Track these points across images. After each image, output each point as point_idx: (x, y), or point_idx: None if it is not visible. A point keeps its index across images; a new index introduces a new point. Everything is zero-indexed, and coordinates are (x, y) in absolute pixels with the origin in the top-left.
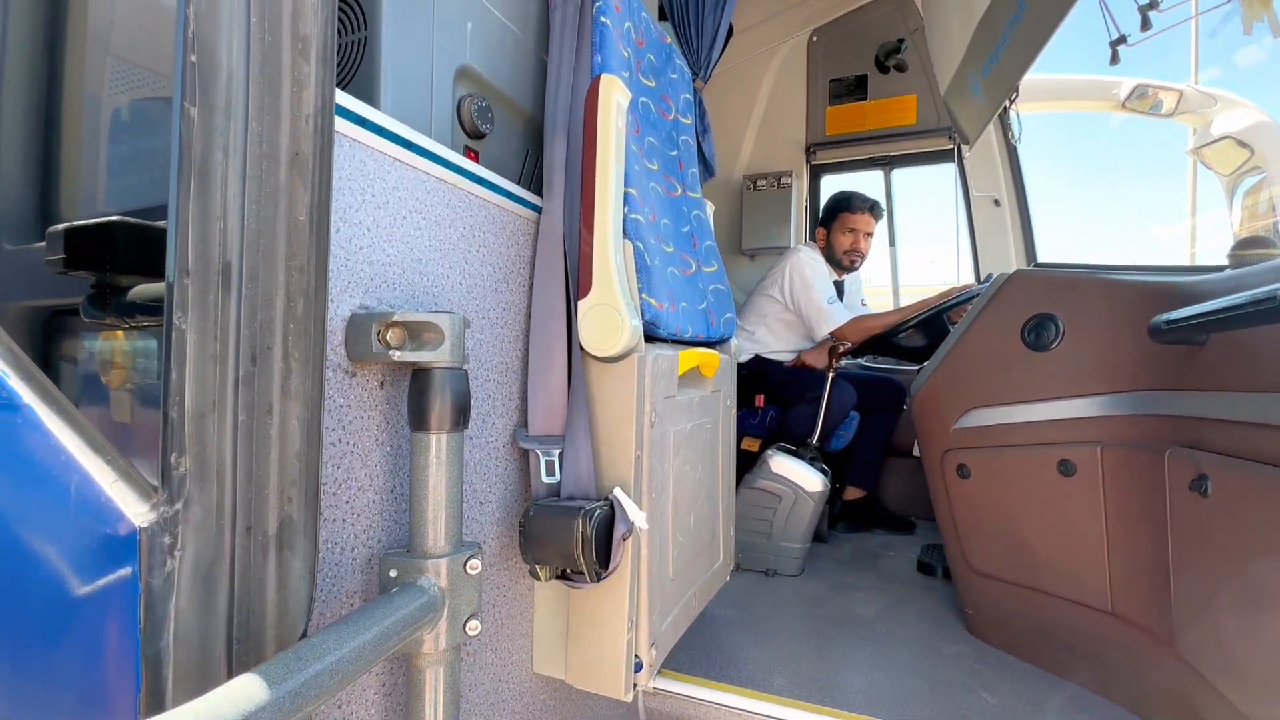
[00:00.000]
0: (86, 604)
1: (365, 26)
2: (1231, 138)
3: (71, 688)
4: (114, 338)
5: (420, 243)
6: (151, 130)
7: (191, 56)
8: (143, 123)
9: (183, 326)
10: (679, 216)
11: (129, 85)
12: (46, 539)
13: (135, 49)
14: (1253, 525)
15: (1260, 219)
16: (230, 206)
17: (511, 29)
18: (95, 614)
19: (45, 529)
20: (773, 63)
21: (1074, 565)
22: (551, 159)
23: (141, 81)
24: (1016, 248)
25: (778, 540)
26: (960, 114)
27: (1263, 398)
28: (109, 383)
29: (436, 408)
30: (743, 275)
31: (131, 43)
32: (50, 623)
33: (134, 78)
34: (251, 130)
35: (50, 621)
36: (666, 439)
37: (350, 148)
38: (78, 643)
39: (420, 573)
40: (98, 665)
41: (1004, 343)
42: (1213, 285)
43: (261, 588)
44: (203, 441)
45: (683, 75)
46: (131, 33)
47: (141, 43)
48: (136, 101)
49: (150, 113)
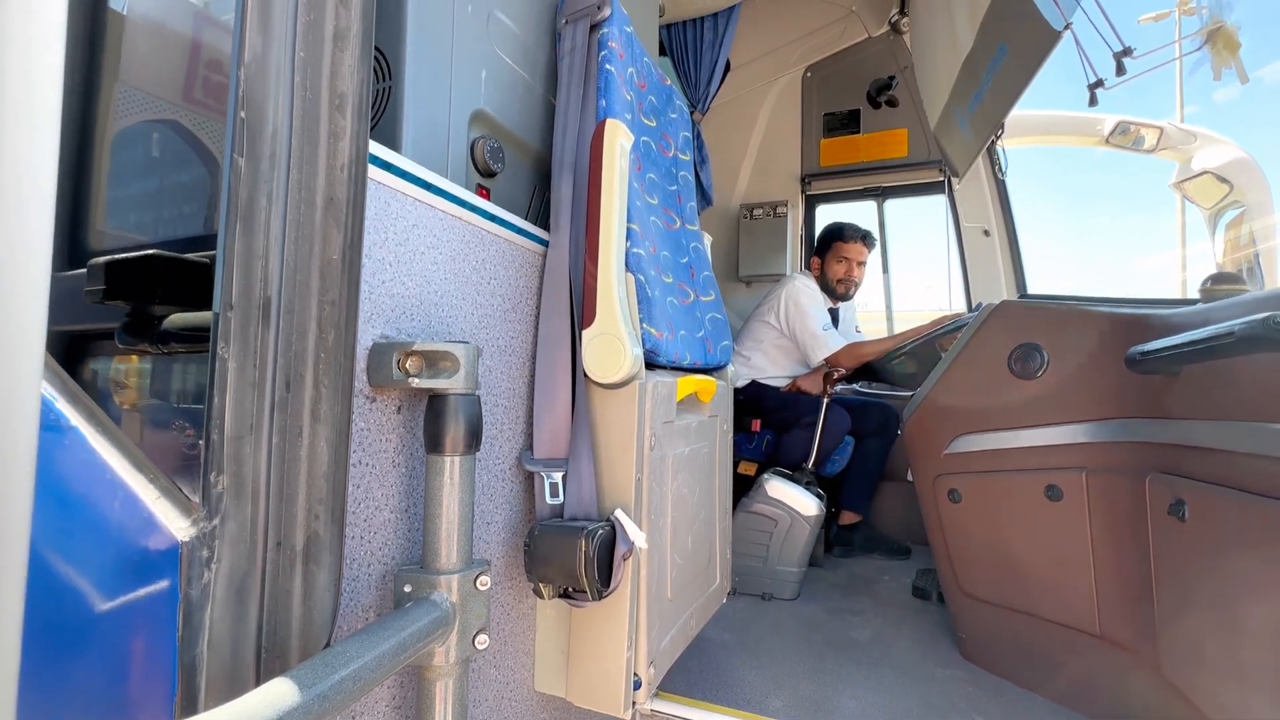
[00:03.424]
0: (128, 612)
1: (390, 77)
2: (1211, 173)
3: (110, 691)
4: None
5: (436, 276)
6: (175, 161)
7: (241, 113)
8: (168, 154)
9: (225, 355)
10: (678, 248)
11: (144, 111)
12: (93, 552)
13: (160, 83)
14: (1228, 549)
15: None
16: (272, 247)
17: (522, 75)
18: (135, 621)
19: (93, 542)
20: (769, 97)
21: (1063, 589)
22: (559, 196)
23: (159, 110)
24: (1006, 277)
25: (774, 564)
26: (949, 148)
27: (1232, 426)
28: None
29: (451, 431)
30: (740, 301)
31: (156, 76)
32: (93, 630)
33: (152, 107)
34: (292, 178)
35: (93, 629)
36: (665, 462)
37: (375, 189)
38: (118, 649)
39: (433, 588)
40: (136, 670)
41: (992, 371)
42: (1183, 318)
43: (289, 599)
44: (239, 461)
45: (682, 114)
46: (155, 66)
47: (165, 75)
48: (160, 132)
49: (172, 144)
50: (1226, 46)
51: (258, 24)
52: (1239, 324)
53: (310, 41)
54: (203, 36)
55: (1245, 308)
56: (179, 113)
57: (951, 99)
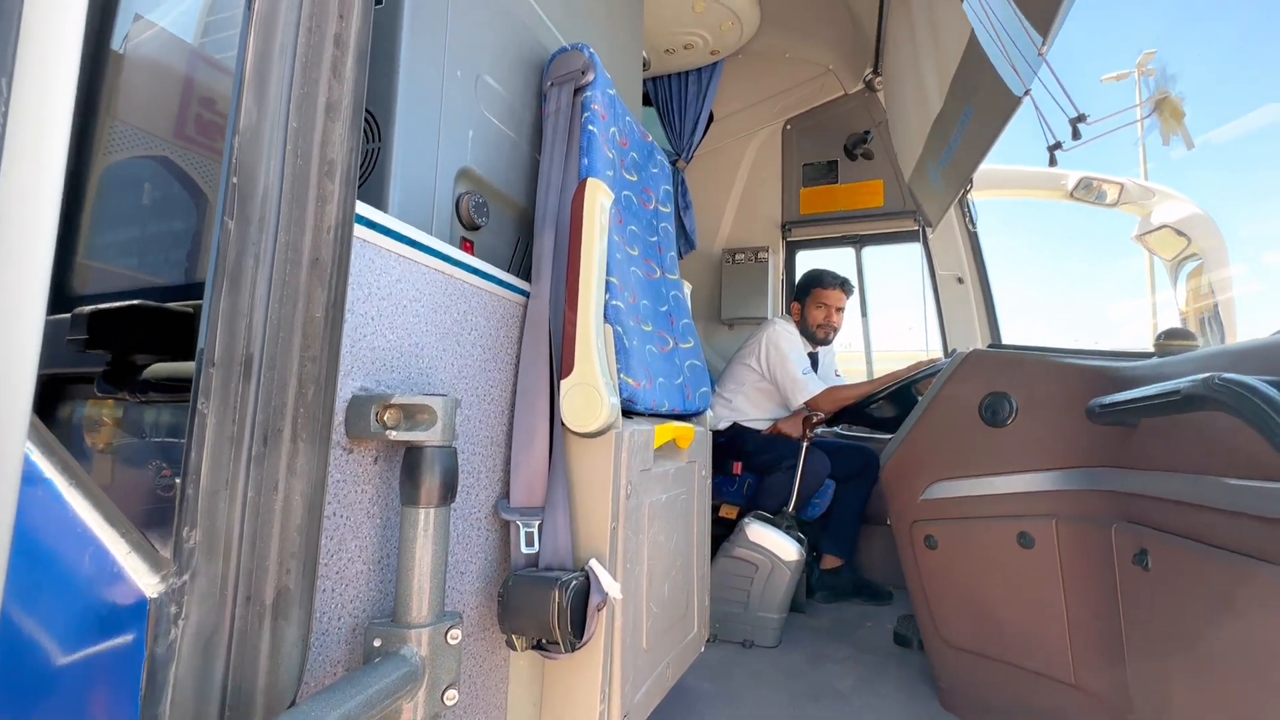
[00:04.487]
0: (90, 669)
1: (380, 139)
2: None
3: None
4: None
5: (418, 328)
6: (163, 199)
7: (234, 179)
8: (157, 191)
9: (204, 411)
10: (658, 297)
11: (135, 147)
12: (60, 606)
13: (152, 119)
14: (1189, 599)
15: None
16: (256, 305)
17: (509, 134)
18: (98, 679)
19: (60, 597)
20: (750, 147)
21: (1038, 637)
22: (540, 249)
23: (149, 146)
24: (980, 323)
25: (755, 610)
26: (923, 199)
27: (1186, 479)
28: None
29: (426, 483)
30: (722, 343)
31: (148, 112)
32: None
33: (143, 143)
34: (280, 240)
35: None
36: (642, 510)
37: (360, 247)
38: (78, 707)
39: (403, 642)
40: None
41: (964, 418)
42: (1140, 372)
43: (255, 655)
44: (213, 516)
45: (663, 169)
46: (147, 102)
47: (157, 112)
48: (150, 169)
49: (161, 181)
50: (1173, 115)
51: (254, 96)
52: (1185, 383)
53: (303, 112)
54: (196, 74)
55: (1194, 364)
56: (169, 149)
57: (924, 153)
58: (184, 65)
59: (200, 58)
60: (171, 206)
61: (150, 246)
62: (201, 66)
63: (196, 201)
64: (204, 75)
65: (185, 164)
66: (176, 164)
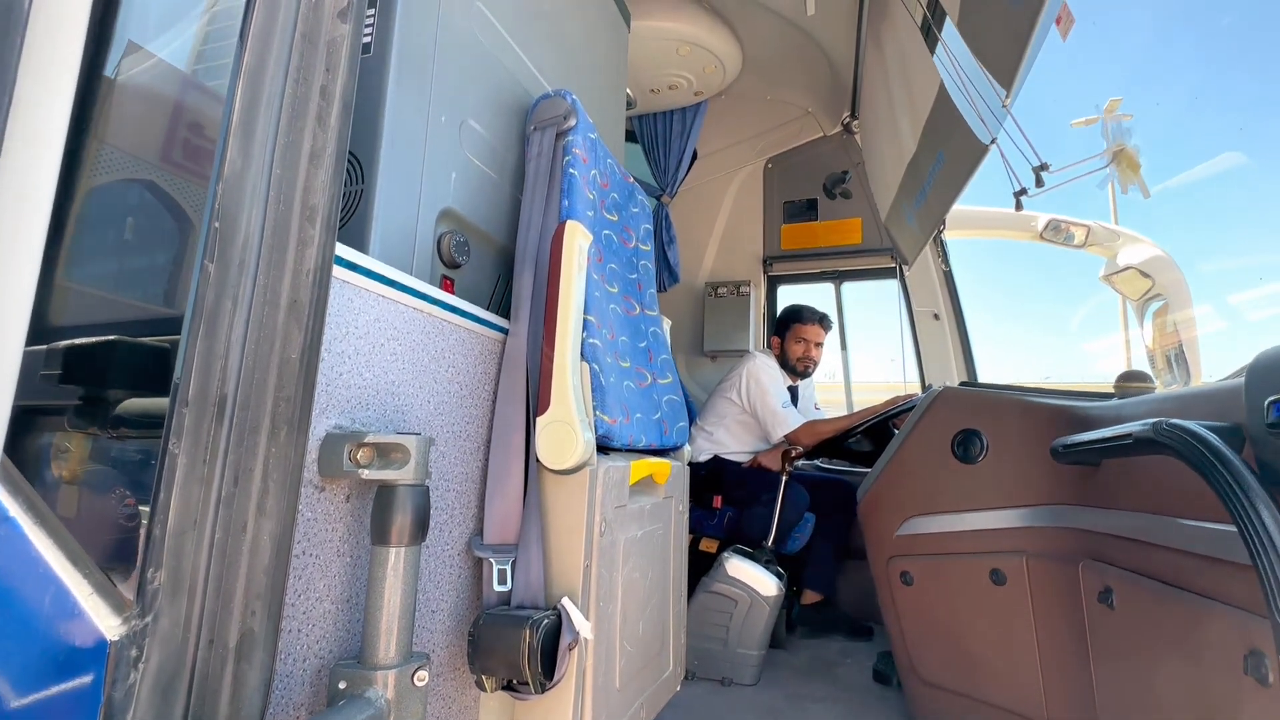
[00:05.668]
0: (48, 712)
1: (363, 181)
2: (1135, 268)
3: None
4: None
5: (395, 367)
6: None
7: (216, 223)
8: (141, 217)
9: (175, 451)
10: (636, 333)
11: (120, 170)
12: (17, 647)
13: (139, 144)
14: (1150, 637)
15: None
16: (233, 347)
17: (491, 175)
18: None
19: (17, 638)
20: (733, 184)
21: (1010, 674)
22: (520, 287)
23: (126, 167)
24: (956, 359)
25: (734, 647)
26: (899, 238)
27: (1145, 517)
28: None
29: (398, 523)
30: (704, 375)
31: (135, 137)
32: None
33: (130, 167)
34: (259, 283)
35: None
36: (616, 546)
37: (339, 288)
38: None
39: (369, 684)
40: None
41: (937, 454)
42: (1101, 413)
43: (216, 700)
44: (179, 557)
45: (644, 209)
46: (135, 128)
47: (145, 137)
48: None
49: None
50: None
51: (239, 145)
52: (1135, 426)
53: (287, 161)
54: (185, 100)
55: (1148, 407)
56: (155, 173)
57: (899, 195)
58: (175, 91)
59: (190, 84)
60: (155, 232)
61: (132, 271)
62: (191, 93)
63: (180, 226)
64: (194, 101)
65: (171, 189)
66: (162, 188)
